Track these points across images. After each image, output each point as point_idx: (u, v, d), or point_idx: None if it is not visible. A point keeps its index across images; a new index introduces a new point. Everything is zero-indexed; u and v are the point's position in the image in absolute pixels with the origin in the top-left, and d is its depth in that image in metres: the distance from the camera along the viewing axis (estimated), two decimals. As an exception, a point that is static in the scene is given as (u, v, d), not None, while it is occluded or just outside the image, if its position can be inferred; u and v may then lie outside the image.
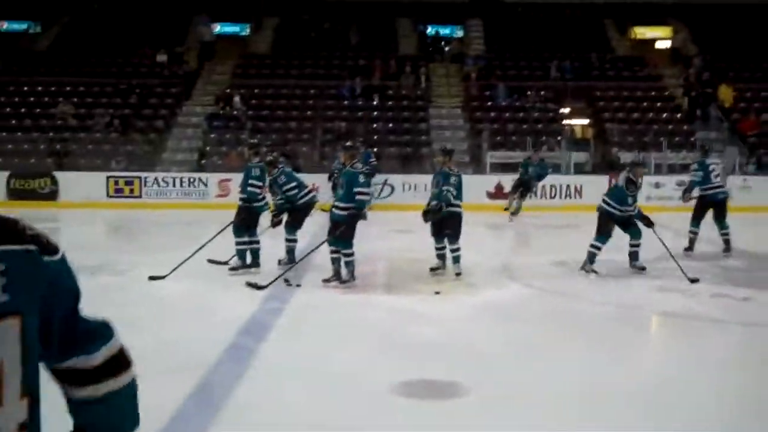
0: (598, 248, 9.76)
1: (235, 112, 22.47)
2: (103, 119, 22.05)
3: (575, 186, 19.24)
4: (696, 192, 11.80)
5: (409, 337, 6.85)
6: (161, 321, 7.37)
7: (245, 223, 9.77)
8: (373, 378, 5.55)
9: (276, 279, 8.72)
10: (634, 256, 9.93)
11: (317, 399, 5.14)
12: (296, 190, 9.98)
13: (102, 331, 1.67)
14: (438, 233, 9.68)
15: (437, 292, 8.68)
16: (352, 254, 8.95)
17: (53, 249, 1.49)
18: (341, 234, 8.84)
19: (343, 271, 8.94)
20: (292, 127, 22.33)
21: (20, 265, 1.41)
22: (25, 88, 23.68)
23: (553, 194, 19.11)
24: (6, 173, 19.54)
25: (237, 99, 22.72)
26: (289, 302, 8.23)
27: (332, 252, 9.03)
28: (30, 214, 15.93)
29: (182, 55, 25.26)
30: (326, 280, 8.97)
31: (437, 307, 8.19)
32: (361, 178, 9.04)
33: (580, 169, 20.76)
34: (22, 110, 22.82)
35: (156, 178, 19.41)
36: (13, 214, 1.48)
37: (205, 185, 19.13)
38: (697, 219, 11.57)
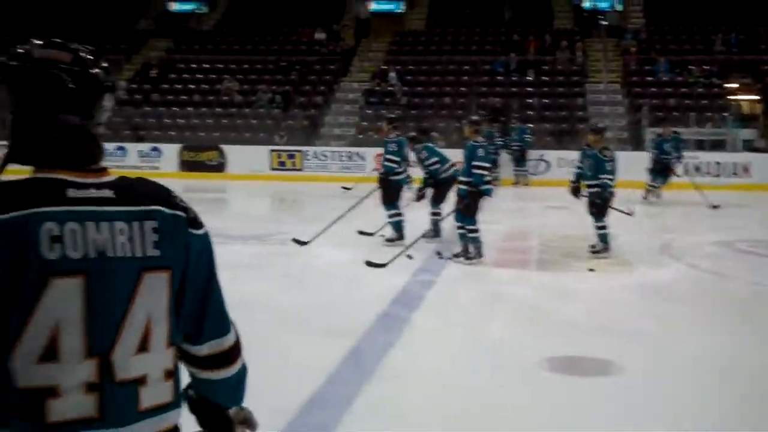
0: None
1: (390, 88, 22.82)
2: (265, 95, 22.99)
3: (743, 164, 18.33)
4: None
5: (559, 314, 6.83)
6: (320, 287, 7.70)
7: (388, 196, 9.99)
8: (520, 352, 5.59)
9: (397, 257, 8.68)
10: None
11: (464, 368, 5.24)
12: (438, 165, 10.08)
13: (227, 320, 1.73)
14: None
15: (591, 269, 8.57)
16: (476, 230, 8.87)
17: (199, 224, 1.62)
18: (463, 209, 8.84)
19: (470, 248, 8.92)
20: (446, 103, 22.43)
21: (170, 227, 1.54)
22: (193, 66, 25.03)
23: (718, 172, 18.29)
24: (178, 146, 20.84)
25: (392, 75, 23.06)
26: (441, 275, 8.37)
27: (458, 227, 9.03)
28: (199, 184, 17.00)
29: (339, 32, 25.87)
30: (455, 255, 8.98)
31: (590, 284, 8.09)
32: (480, 152, 8.83)
33: (748, 147, 19.74)
34: (191, 87, 24.13)
35: (316, 152, 20.13)
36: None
37: (363, 159, 19.58)
38: None
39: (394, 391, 4.81)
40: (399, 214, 10.01)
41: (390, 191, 10.02)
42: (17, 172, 1.49)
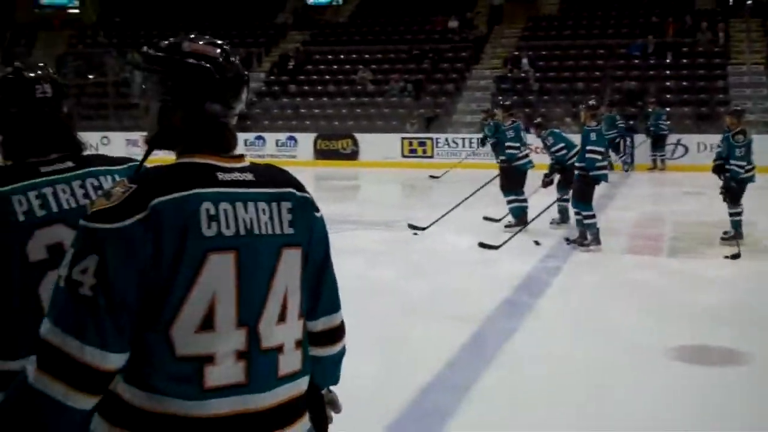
0: None
1: (522, 74, 22.62)
2: (397, 84, 23.29)
3: None
4: None
5: (688, 301, 6.69)
6: (445, 273, 7.83)
7: (510, 182, 9.99)
8: (647, 339, 5.51)
9: (509, 239, 8.71)
10: None
11: (586, 356, 5.20)
12: (565, 151, 9.96)
13: (339, 298, 1.87)
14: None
15: (728, 257, 8.25)
16: (591, 216, 8.74)
17: (317, 207, 1.75)
18: (577, 194, 8.74)
19: (587, 234, 8.79)
20: (579, 88, 21.99)
21: (300, 208, 1.68)
22: (329, 57, 25.62)
23: None
24: (313, 135, 21.45)
25: (525, 61, 22.83)
26: (569, 261, 8.33)
27: (575, 213, 8.95)
28: (334, 172, 17.41)
29: (472, 20, 25.81)
30: (573, 241, 8.90)
31: (722, 271, 7.84)
32: (593, 136, 8.74)
33: None
34: (326, 77, 24.73)
35: (447, 139, 20.25)
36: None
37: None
38: None
39: (514, 377, 4.83)
40: (520, 200, 10.01)
41: (511, 178, 10.04)
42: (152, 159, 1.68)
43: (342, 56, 25.39)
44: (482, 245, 8.66)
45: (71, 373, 1.44)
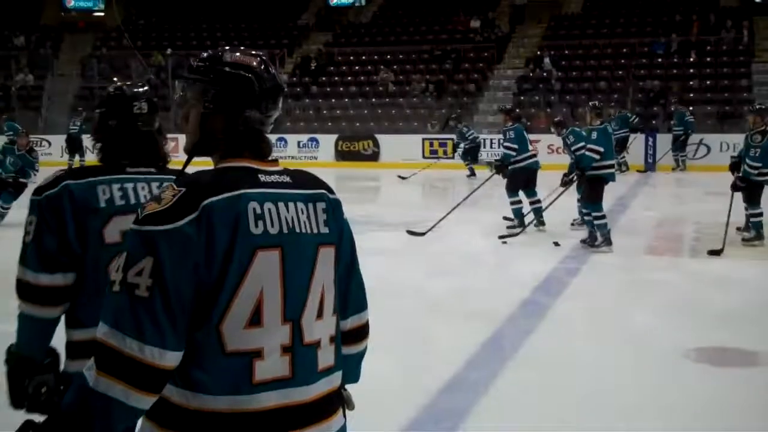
0: None
1: (545, 74, 22.57)
2: (419, 85, 23.32)
3: None
4: None
5: (709, 303, 6.65)
6: (463, 272, 7.88)
7: (509, 183, 10.04)
8: (665, 341, 5.49)
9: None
10: None
11: (605, 357, 5.20)
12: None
13: (366, 297, 1.95)
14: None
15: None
16: (601, 217, 8.74)
17: (343, 210, 1.83)
18: (585, 195, 8.76)
19: (597, 235, 8.78)
20: (601, 87, 21.94)
21: (332, 209, 1.77)
22: (351, 58, 25.72)
23: None
24: (335, 136, 21.53)
25: (547, 60, 22.79)
26: (588, 262, 8.32)
27: (585, 214, 8.95)
28: (355, 173, 17.44)
29: (494, 19, 25.79)
30: (582, 241, 8.92)
31: (744, 273, 7.82)
32: (594, 135, 8.89)
33: None
34: (348, 78, 24.82)
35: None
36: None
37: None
38: None
39: (533, 377, 4.82)
40: (516, 202, 10.04)
41: (510, 179, 10.07)
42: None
43: (364, 57, 25.47)
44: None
45: (132, 373, 1.49)
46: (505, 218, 10.31)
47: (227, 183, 1.61)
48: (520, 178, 10.01)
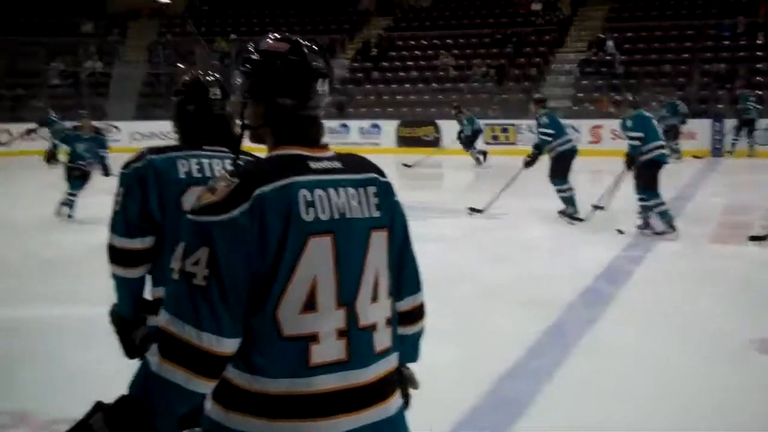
0: None
1: (608, 57, 22.21)
2: (480, 69, 23.18)
3: None
4: None
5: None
6: (524, 260, 7.87)
7: (551, 170, 9.91)
8: (730, 331, 5.42)
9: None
10: None
11: (668, 347, 5.15)
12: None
13: (420, 278, 1.98)
14: None
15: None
16: (660, 204, 8.60)
17: (395, 192, 1.86)
18: (639, 182, 8.65)
19: (657, 221, 8.64)
20: (665, 71, 21.50)
21: (383, 192, 1.79)
22: (412, 43, 25.66)
23: None
24: (396, 122, 21.56)
25: (610, 43, 22.41)
26: (653, 250, 8.22)
27: (639, 200, 8.79)
28: (416, 160, 17.45)
29: (557, 2, 25.45)
30: (638, 227, 8.80)
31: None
32: (630, 123, 8.77)
33: None
34: (409, 64, 24.79)
35: (529, 125, 19.97)
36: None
37: (578, 131, 19.23)
38: None
39: (594, 366, 4.80)
40: (563, 189, 9.84)
41: (552, 166, 9.93)
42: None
43: (424, 42, 25.40)
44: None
45: (191, 359, 1.55)
46: (561, 213, 9.94)
47: (277, 171, 1.64)
48: (562, 163, 9.85)
